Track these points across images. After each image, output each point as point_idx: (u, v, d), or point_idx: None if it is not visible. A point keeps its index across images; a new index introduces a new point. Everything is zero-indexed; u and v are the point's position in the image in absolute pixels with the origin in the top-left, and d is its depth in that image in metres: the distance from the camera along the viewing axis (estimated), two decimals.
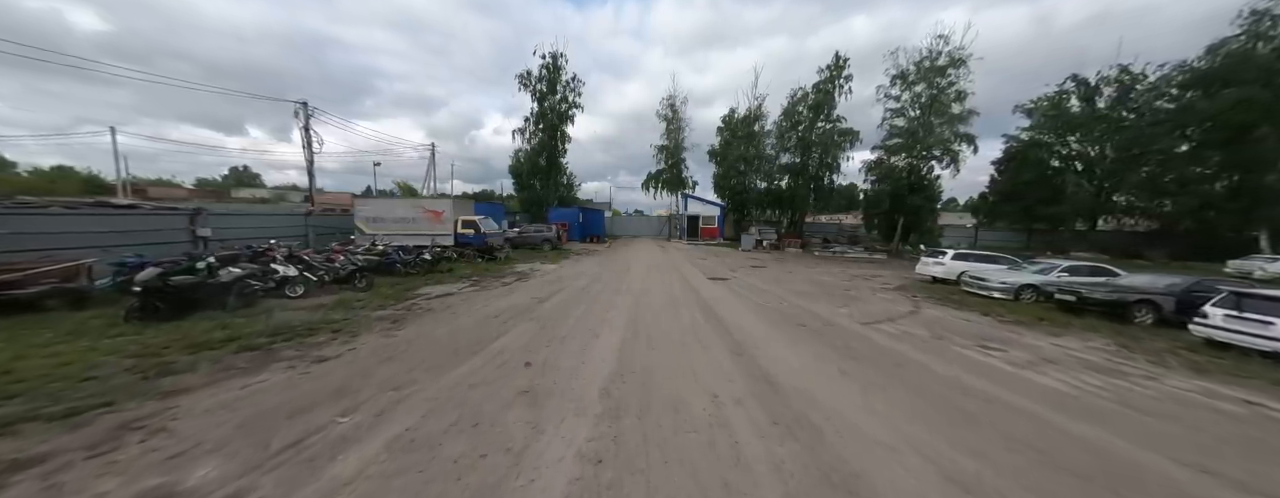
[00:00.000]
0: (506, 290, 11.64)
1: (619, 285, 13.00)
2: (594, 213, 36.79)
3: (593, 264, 18.99)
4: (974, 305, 10.84)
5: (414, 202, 17.55)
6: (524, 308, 9.31)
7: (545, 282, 13.50)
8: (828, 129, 34.40)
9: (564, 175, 39.96)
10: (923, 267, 15.77)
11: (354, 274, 10.39)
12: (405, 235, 17.23)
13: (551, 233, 25.21)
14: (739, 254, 27.06)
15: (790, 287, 13.74)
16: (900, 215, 27.45)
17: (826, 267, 21.02)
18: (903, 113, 27.33)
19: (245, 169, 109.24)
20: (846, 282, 15.55)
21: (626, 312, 9.24)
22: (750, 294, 12.06)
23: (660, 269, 17.81)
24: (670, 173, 42.00)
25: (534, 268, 16.92)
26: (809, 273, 18.04)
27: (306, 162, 24.59)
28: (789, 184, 36.76)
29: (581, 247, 29.79)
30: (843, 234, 37.05)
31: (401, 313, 8.52)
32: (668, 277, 15.49)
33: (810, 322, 8.74)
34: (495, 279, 13.66)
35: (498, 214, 26.25)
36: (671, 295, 11.51)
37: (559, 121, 37.41)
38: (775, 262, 23.04)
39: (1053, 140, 31.72)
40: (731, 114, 41.83)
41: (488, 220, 18.83)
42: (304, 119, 24.17)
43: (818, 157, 35.15)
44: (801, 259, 24.91)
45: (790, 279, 15.73)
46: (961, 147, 26.87)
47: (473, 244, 17.70)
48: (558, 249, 25.42)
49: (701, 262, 21.74)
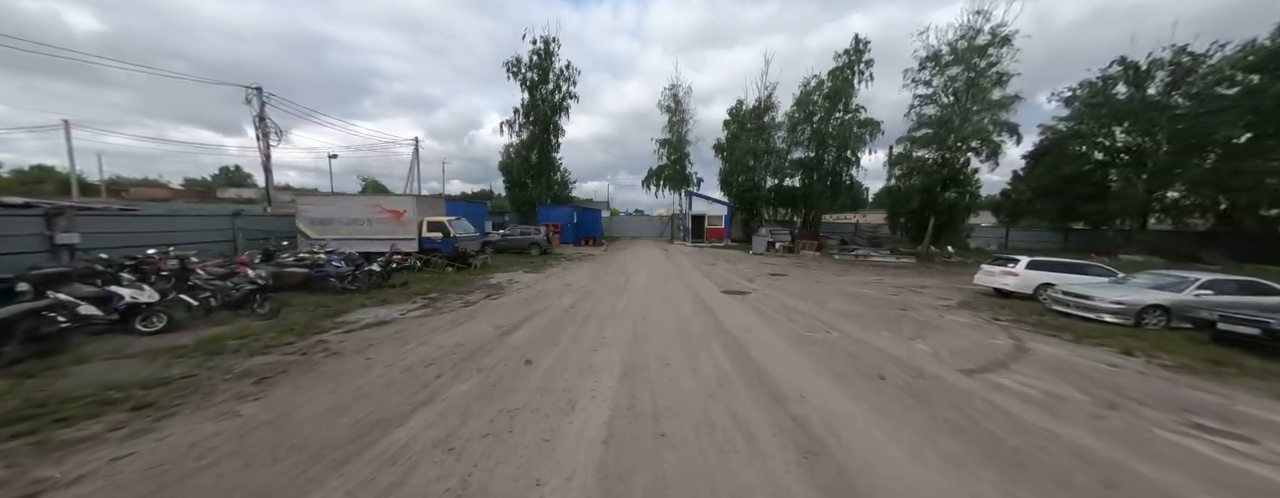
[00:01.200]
0: (465, 315, 8.98)
1: (613, 306, 10.34)
2: (590, 212, 34.11)
3: (585, 274, 16.34)
4: (1089, 335, 8.18)
5: (369, 200, 14.91)
6: (476, 348, 6.66)
7: (521, 300, 10.84)
8: (846, 120, 31.74)
9: (558, 172, 37.29)
10: (985, 277, 13.10)
11: (251, 296, 7.73)
12: (360, 240, 14.59)
13: (540, 235, 22.56)
14: (752, 259, 24.40)
15: (829, 304, 11.08)
16: (931, 214, 24.77)
17: (856, 274, 18.35)
18: (934, 100, 24.69)
19: (237, 169, 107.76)
20: (892, 295, 12.89)
21: (621, 353, 6.59)
22: (783, 317, 9.40)
23: (665, 280, 15.16)
24: (673, 169, 39.30)
25: (512, 279, 14.26)
26: (841, 283, 15.38)
27: (262, 153, 21.96)
28: (803, 181, 34.09)
29: (575, 250, 27.12)
30: (861, 235, 34.37)
31: (290, 360, 5.87)
32: (674, 291, 12.83)
33: (889, 369, 6.07)
34: (459, 296, 11.00)
35: (479, 214, 23.62)
36: (682, 323, 8.85)
37: (552, 114, 34.73)
38: (795, 267, 20.38)
39: (1095, 131, 29.02)
40: (739, 106, 39.19)
41: (461, 222, 16.18)
42: (258, 106, 21.54)
43: (835, 150, 32.48)
44: (823, 265, 22.24)
45: (824, 292, 13.07)
46: (1003, 137, 24.20)
47: (441, 250, 15.05)
48: (547, 254, 22.77)
49: (711, 268, 19.08)
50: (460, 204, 22.01)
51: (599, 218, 35.43)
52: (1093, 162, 30.31)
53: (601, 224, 37.50)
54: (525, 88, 33.62)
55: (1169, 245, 27.92)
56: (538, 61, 33.30)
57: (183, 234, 13.01)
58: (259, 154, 21.92)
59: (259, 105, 21.49)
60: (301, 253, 11.75)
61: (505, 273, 15.73)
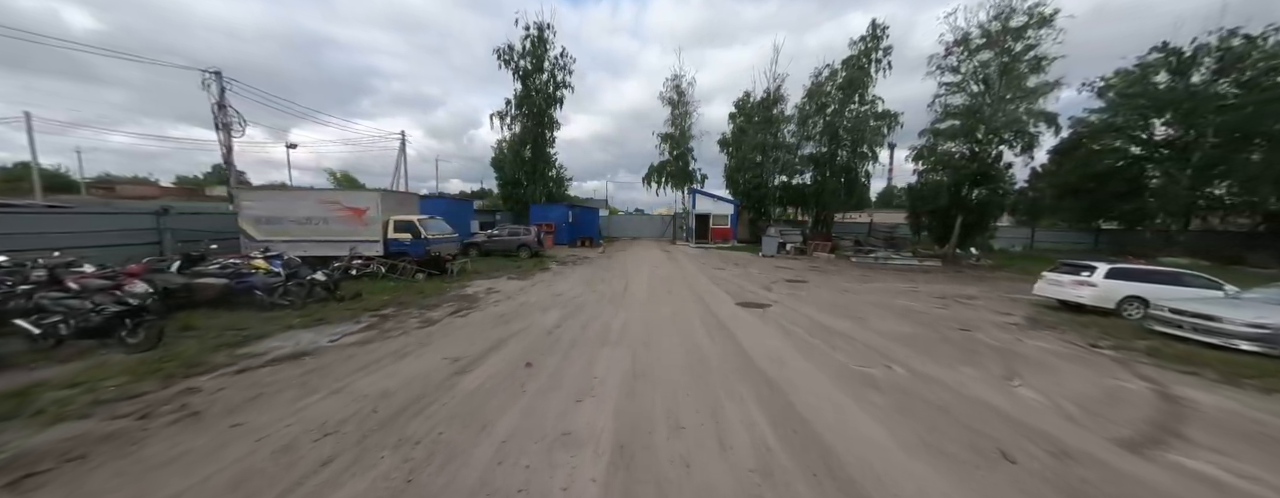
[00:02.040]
0: (416, 341, 7.06)
1: (607, 325, 8.43)
2: (587, 211, 32.15)
3: (577, 280, 14.42)
4: (1238, 372, 6.24)
5: (325, 196, 12.95)
6: (410, 400, 4.74)
7: (495, 317, 8.92)
8: (862, 112, 29.80)
9: (553, 168, 35.36)
10: (1049, 287, 11.16)
11: (119, 320, 5.80)
12: (313, 242, 12.69)
13: (530, 236, 20.61)
14: (762, 262, 22.48)
15: (871, 321, 9.14)
16: (959, 213, 22.82)
17: (882, 280, 16.41)
18: (962, 88, 22.75)
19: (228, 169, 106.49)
20: (939, 307, 10.96)
21: (613, 407, 4.68)
22: (821, 342, 7.47)
23: (669, 288, 13.23)
24: (675, 165, 37.36)
25: (492, 288, 12.33)
26: (871, 292, 13.45)
27: (223, 146, 20.04)
28: (815, 177, 32.15)
29: (569, 252, 25.19)
30: (877, 236, 32.42)
31: (110, 430, 3.94)
32: (681, 303, 10.91)
33: (1008, 439, 4.14)
34: (420, 312, 9.07)
35: (463, 213, 21.72)
36: (695, 351, 6.93)
37: (546, 105, 32.82)
38: (812, 272, 18.46)
39: (1132, 123, 27.06)
40: (745, 98, 37.29)
41: (435, 221, 14.25)
42: (217, 93, 19.62)
43: (849, 145, 30.55)
44: (841, 269, 20.31)
45: (857, 305, 11.14)
46: (1041, 127, 22.23)
47: (410, 254, 13.12)
48: (538, 257, 20.84)
49: (719, 273, 17.16)
50: (440, 202, 20.09)
51: (596, 217, 33.53)
52: (1128, 156, 28.36)
53: (599, 224, 35.61)
54: (518, 77, 31.70)
55: (1210, 246, 26.00)
56: (531, 49, 31.36)
57: (110, 234, 11.11)
58: (220, 147, 20.00)
59: (218, 92, 19.57)
60: (233, 258, 9.83)
61: (486, 280, 13.80)
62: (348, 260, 12.28)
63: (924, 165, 24.38)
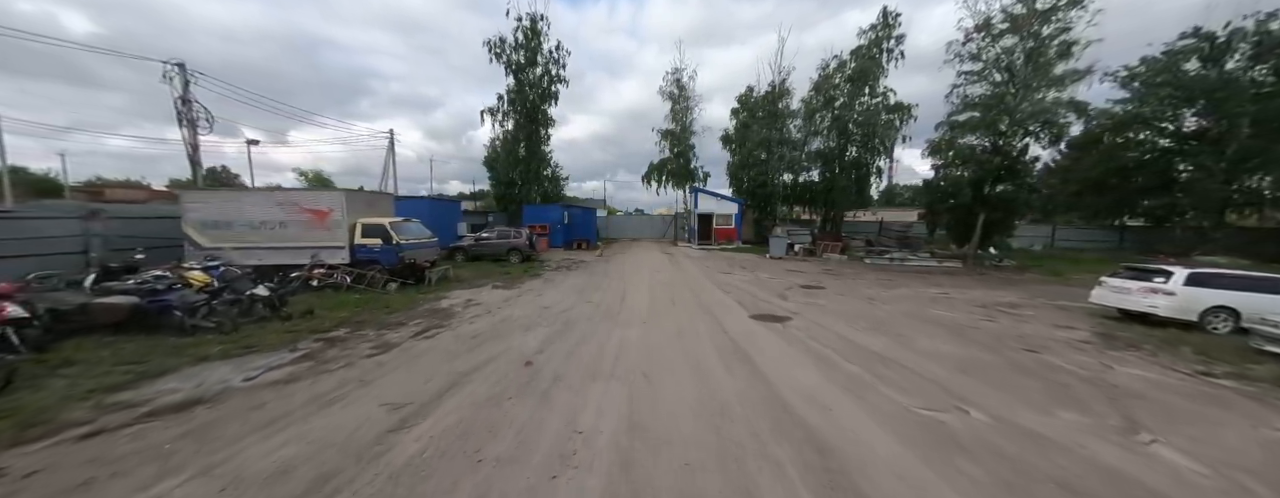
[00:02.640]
0: (358, 377, 5.63)
1: (600, 350, 7.00)
2: (583, 212, 30.72)
3: (570, 289, 12.99)
4: None
5: (282, 196, 11.40)
6: (315, 481, 3.31)
7: (466, 339, 7.49)
8: (873, 105, 28.37)
9: (548, 167, 33.95)
10: (1112, 294, 9.72)
11: None
12: (268, 249, 11.26)
13: (520, 239, 19.17)
14: (772, 264, 21.06)
15: (916, 341, 7.70)
16: (982, 211, 21.37)
17: (906, 285, 14.98)
18: (983, 76, 21.32)
19: (223, 169, 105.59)
20: (984, 319, 9.53)
21: (602, 485, 3.25)
22: (863, 370, 6.05)
23: (672, 298, 11.80)
24: (676, 163, 35.93)
25: (472, 300, 10.91)
26: (900, 299, 12.01)
27: (187, 143, 18.63)
28: (823, 175, 30.73)
29: (564, 256, 23.76)
30: (888, 235, 30.97)
31: None
32: (687, 317, 9.48)
33: None
34: (376, 335, 7.64)
35: (448, 215, 20.31)
36: (708, 388, 5.51)
37: (540, 100, 31.41)
38: (827, 275, 17.03)
39: (1160, 114, 25.60)
40: (748, 93, 35.92)
41: (410, 224, 12.82)
42: (180, 87, 18.22)
43: (860, 140, 29.12)
44: (857, 271, 18.88)
45: (890, 317, 9.70)
46: (1070, 117, 20.77)
47: (380, 262, 11.69)
48: (530, 261, 19.42)
49: (727, 278, 15.73)
50: (422, 203, 18.66)
51: (594, 218, 32.11)
52: (1156, 149, 26.91)
53: (596, 225, 34.18)
54: (510, 71, 30.28)
55: (1249, 244, 24.56)
56: (524, 41, 29.94)
57: (20, 243, 9.68)
58: (185, 144, 18.58)
59: (181, 86, 18.16)
60: (163, 270, 8.40)
61: (468, 290, 12.38)
62: (308, 270, 10.86)
63: (941, 160, 22.98)
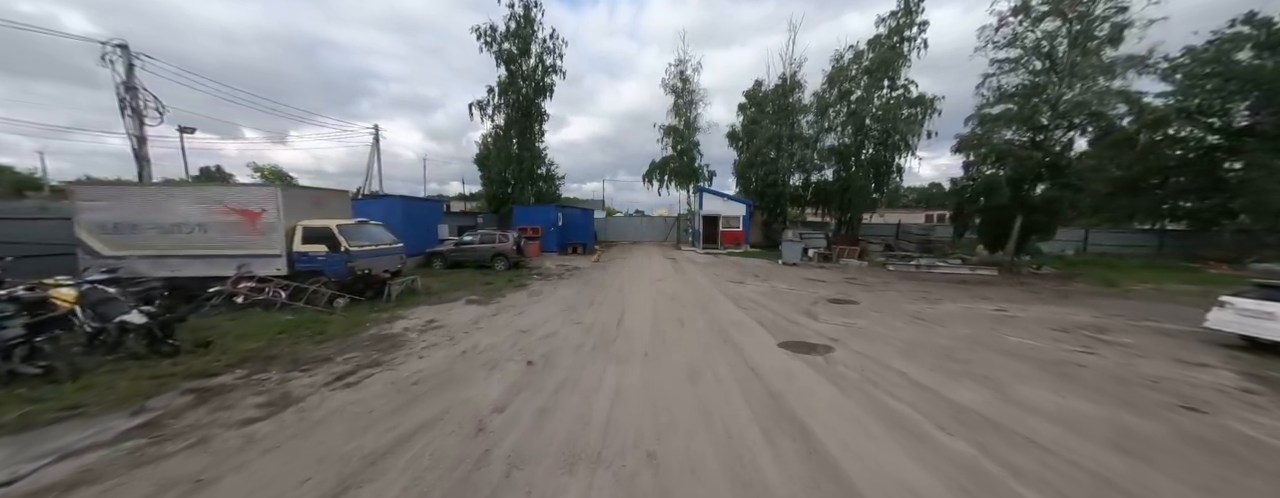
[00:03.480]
0: (199, 469, 3.61)
1: (585, 409, 5.00)
2: (579, 213, 28.71)
3: (557, 306, 10.98)
4: None
5: (203, 193, 9.26)
6: None
7: (399, 392, 5.46)
8: (894, 98, 26.40)
9: (543, 165, 32.00)
10: (1245, 320, 7.68)
11: None
12: (185, 257, 9.28)
13: (506, 243, 17.17)
14: (786, 272, 19.05)
15: (1013, 390, 5.69)
16: (1021, 212, 19.38)
17: (951, 298, 12.97)
18: (1022, 64, 19.36)
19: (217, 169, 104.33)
20: (1085, 352, 7.52)
21: None
22: (983, 453, 4.05)
23: (680, 317, 9.79)
24: (680, 161, 33.95)
25: (434, 323, 8.90)
26: (956, 321, 9.99)
27: (132, 136, 16.66)
28: (838, 173, 28.75)
29: (558, 262, 21.75)
30: (908, 238, 28.95)
31: None
32: (702, 348, 7.46)
33: None
34: (279, 382, 5.63)
35: (429, 216, 18.34)
36: (745, 487, 3.48)
37: (534, 94, 29.49)
38: (854, 286, 15.02)
39: (1208, 108, 23.61)
40: (757, 88, 34.01)
41: (368, 229, 10.82)
42: (123, 70, 16.27)
43: (878, 136, 27.14)
44: (885, 280, 16.87)
45: (958, 348, 7.69)
46: (1120, 108, 18.80)
47: (326, 273, 9.69)
48: (517, 268, 17.42)
49: (741, 289, 13.74)
50: (394, 202, 16.63)
51: (591, 219, 30.14)
52: (1203, 146, 24.91)
53: (594, 227, 32.22)
54: (501, 62, 28.36)
55: None
56: (516, 29, 28.02)
57: None
58: (129, 138, 16.62)
59: (124, 70, 16.21)
60: (27, 286, 6.42)
61: (435, 306, 10.38)
62: (231, 283, 8.86)
63: (973, 157, 21.00)
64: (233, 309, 8.74)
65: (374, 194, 25.43)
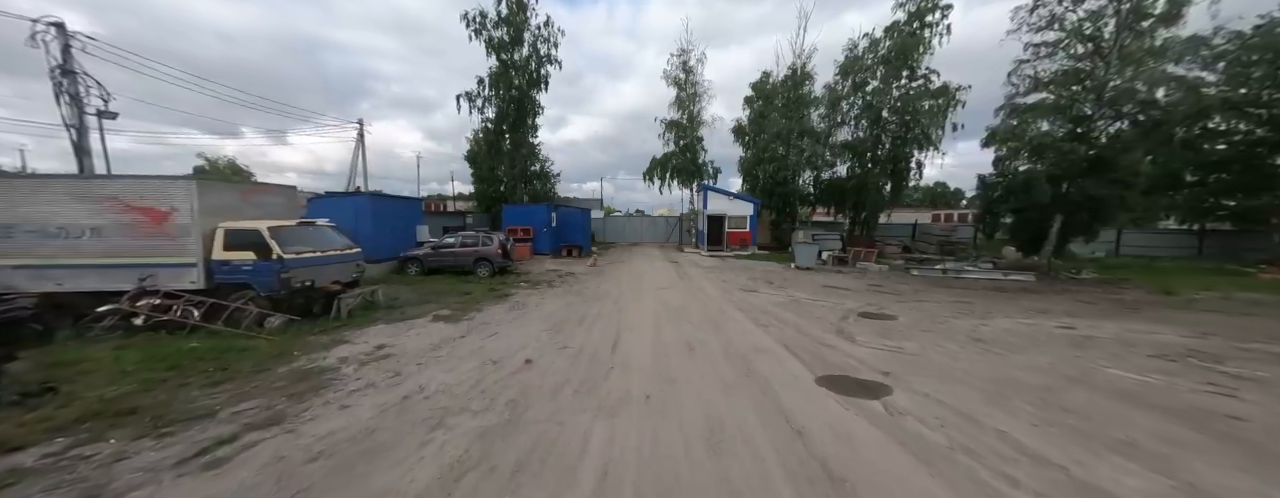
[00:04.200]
0: None
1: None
2: (575, 213, 26.95)
3: (539, 325, 9.24)
4: None
5: (93, 187, 7.56)
6: None
7: (273, 486, 3.72)
8: (914, 89, 24.64)
9: (537, 162, 30.28)
10: None
11: None
12: (71, 267, 7.56)
13: (490, 246, 15.41)
14: (802, 277, 17.31)
15: (1189, 472, 3.97)
16: (1060, 211, 17.67)
17: (1000, 311, 11.22)
18: (1062, 49, 17.64)
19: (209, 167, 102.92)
20: (1222, 394, 5.78)
21: None
22: None
23: (690, 340, 8.03)
24: (683, 157, 32.19)
25: (380, 351, 7.16)
26: (1026, 345, 8.24)
27: (70, 126, 14.94)
28: (852, 170, 27.02)
29: (550, 266, 20.01)
30: (927, 239, 27.19)
31: None
32: (720, 387, 5.69)
33: None
34: (99, 466, 3.89)
35: (405, 216, 16.60)
36: None
37: (528, 85, 27.75)
38: (883, 294, 13.28)
39: (1256, 98, 21.84)
40: (764, 80, 32.28)
41: (314, 232, 9.09)
42: (59, 53, 14.55)
43: (896, 129, 25.39)
44: (914, 286, 15.13)
45: (1056, 390, 5.95)
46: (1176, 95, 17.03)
47: (254, 287, 7.97)
48: (503, 274, 15.68)
49: (755, 300, 12.00)
50: (361, 200, 14.82)
51: (587, 219, 28.39)
52: (1249, 140, 23.13)
53: (591, 228, 30.48)
54: (492, 51, 26.62)
55: None
56: (508, 15, 26.28)
57: None
58: (67, 129, 14.89)
59: (60, 52, 14.49)
60: None
61: (393, 325, 8.66)
62: (127, 300, 7.14)
63: (1005, 151, 19.25)
64: (130, 333, 7.01)
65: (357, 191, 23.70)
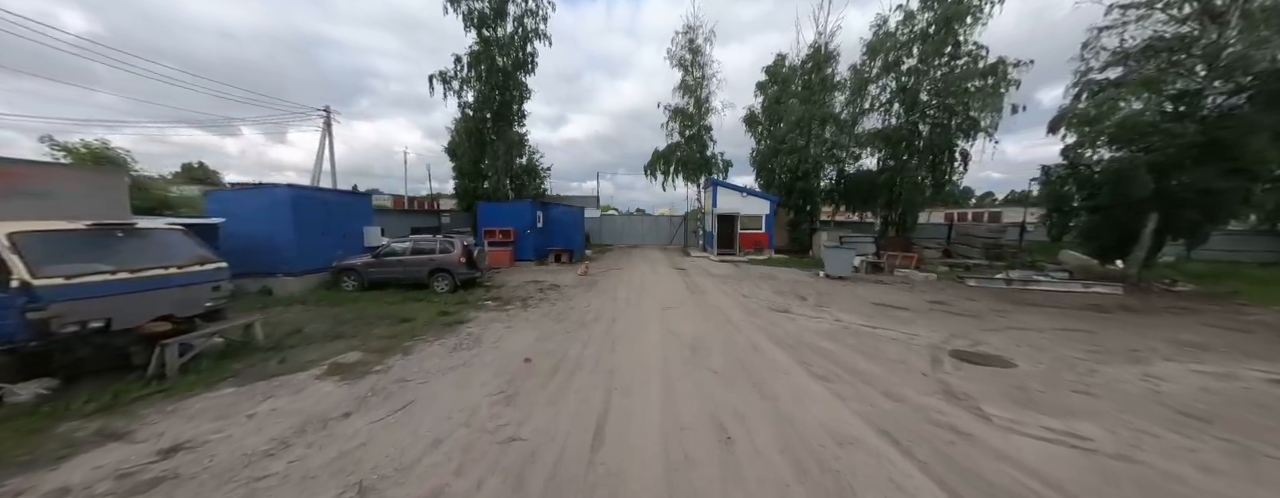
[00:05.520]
0: None
1: None
2: (564, 211, 23.67)
3: (483, 384, 6.05)
4: None
5: None
6: None
7: None
8: (960, 67, 21.41)
9: (524, 154, 27.10)
10: None
11: None
12: None
13: (453, 253, 12.23)
14: (839, 289, 14.09)
15: None
16: (1159, 209, 14.47)
17: (1141, 345, 8.00)
18: (1161, 8, 14.43)
19: (200, 165, 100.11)
20: None
21: None
22: None
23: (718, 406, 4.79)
24: (689, 148, 28.92)
25: (169, 462, 4.01)
26: (1246, 421, 5.07)
27: None
28: (884, 162, 23.83)
29: (531, 276, 16.80)
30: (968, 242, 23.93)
31: None
32: None
33: None
34: None
35: (348, 215, 13.41)
36: None
37: (513, 67, 24.57)
38: (963, 320, 10.07)
39: None
40: (779, 62, 29.09)
41: (124, 241, 5.98)
42: None
43: (936, 115, 22.17)
44: (991, 304, 11.94)
45: None
46: None
47: None
48: (470, 287, 12.52)
49: (793, 326, 8.77)
50: (281, 194, 11.50)
51: (579, 219, 25.19)
52: None
53: (583, 228, 27.32)
54: (471, 25, 23.42)
55: None
56: None
57: None
58: None
59: None
60: None
61: (247, 392, 5.51)
62: None
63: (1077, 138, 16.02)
64: None
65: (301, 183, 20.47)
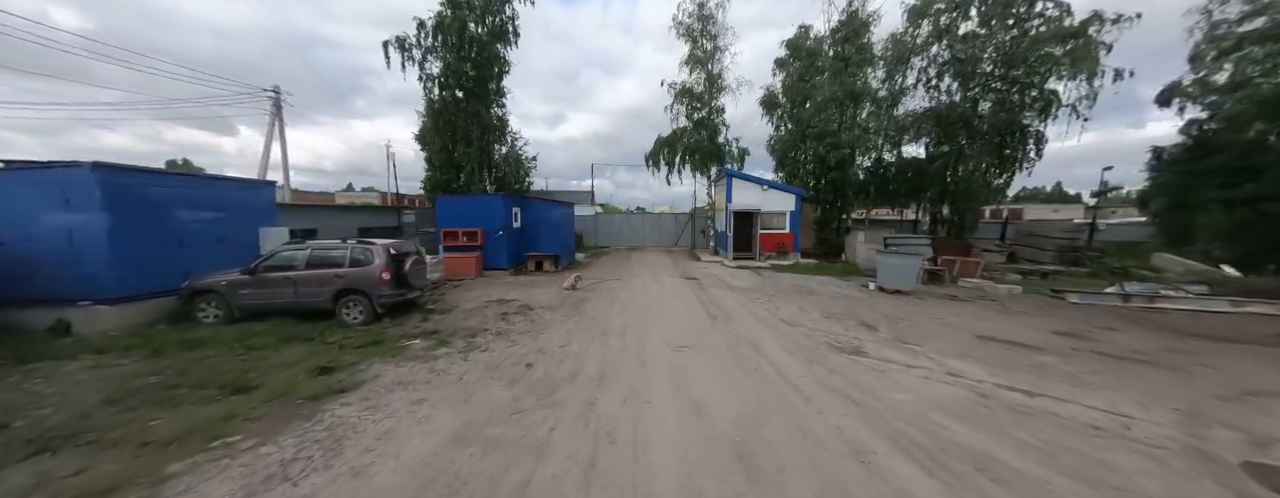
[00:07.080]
0: None
1: None
2: (548, 207, 19.78)
3: None
4: None
5: None
6: None
7: None
8: (1032, 31, 17.64)
9: (504, 142, 23.34)
10: None
11: None
12: None
13: (374, 266, 8.51)
14: (906, 309, 10.29)
15: None
16: None
17: None
18: None
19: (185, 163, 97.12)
20: None
21: None
22: None
23: None
24: (698, 134, 25.02)
25: None
26: None
27: None
28: (934, 149, 20.12)
29: (497, 293, 13.01)
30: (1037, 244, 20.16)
31: None
32: None
33: None
34: None
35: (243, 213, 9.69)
36: None
37: (489, 38, 20.83)
38: (1138, 367, 6.33)
39: None
40: (803, 34, 25.35)
41: None
42: None
43: (1002, 90, 18.45)
44: (1126, 333, 8.19)
45: None
46: None
47: None
48: (394, 315, 8.81)
49: (876, 383, 4.98)
50: (84, 176, 7.55)
51: (569, 218, 21.42)
52: None
53: (574, 229, 23.59)
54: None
55: None
56: None
57: None
58: None
59: None
60: None
61: None
62: None
63: (1198, 107, 12.32)
64: None
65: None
